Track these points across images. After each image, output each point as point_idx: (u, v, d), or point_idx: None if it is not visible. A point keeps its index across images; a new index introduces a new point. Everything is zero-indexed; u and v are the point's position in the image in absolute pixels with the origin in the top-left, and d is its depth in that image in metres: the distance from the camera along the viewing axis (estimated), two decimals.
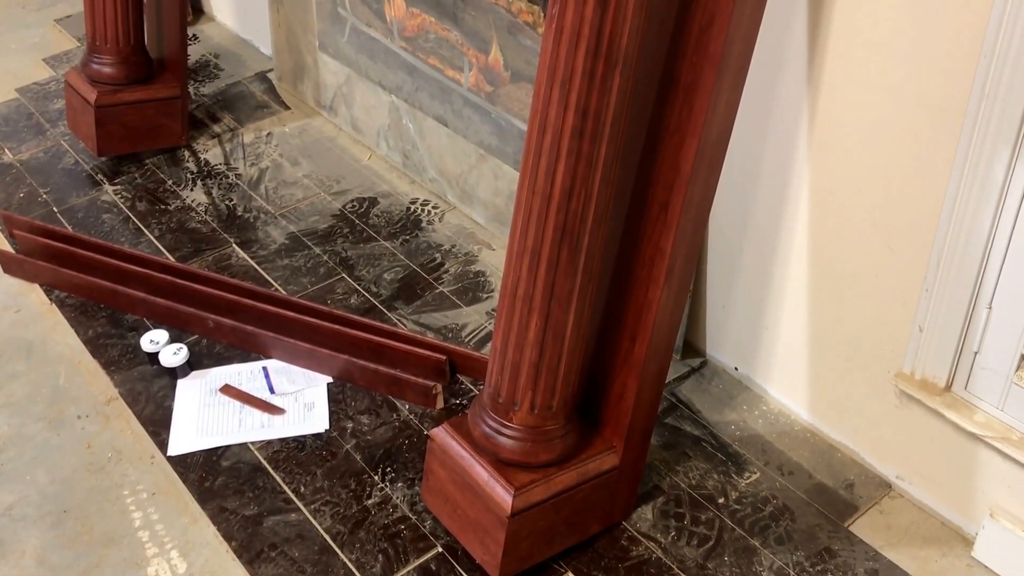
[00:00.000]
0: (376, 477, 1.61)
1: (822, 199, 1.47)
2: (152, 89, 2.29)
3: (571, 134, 1.20)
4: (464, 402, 1.74)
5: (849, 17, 1.31)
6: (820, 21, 1.34)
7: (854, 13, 1.30)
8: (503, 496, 1.36)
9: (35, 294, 1.99)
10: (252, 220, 2.18)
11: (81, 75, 2.28)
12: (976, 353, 1.35)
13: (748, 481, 1.59)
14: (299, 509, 1.56)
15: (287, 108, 2.55)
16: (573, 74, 1.17)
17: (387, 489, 1.59)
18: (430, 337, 1.85)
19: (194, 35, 2.85)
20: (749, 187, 1.56)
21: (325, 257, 2.07)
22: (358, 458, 1.64)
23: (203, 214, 2.19)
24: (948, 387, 1.41)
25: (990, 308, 1.31)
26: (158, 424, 1.71)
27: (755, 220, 1.58)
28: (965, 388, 1.39)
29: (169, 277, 1.93)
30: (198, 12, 2.96)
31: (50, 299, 1.97)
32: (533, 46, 1.84)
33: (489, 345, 1.84)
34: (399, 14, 2.14)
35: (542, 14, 1.79)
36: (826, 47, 1.35)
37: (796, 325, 1.61)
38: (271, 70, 2.67)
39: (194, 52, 2.76)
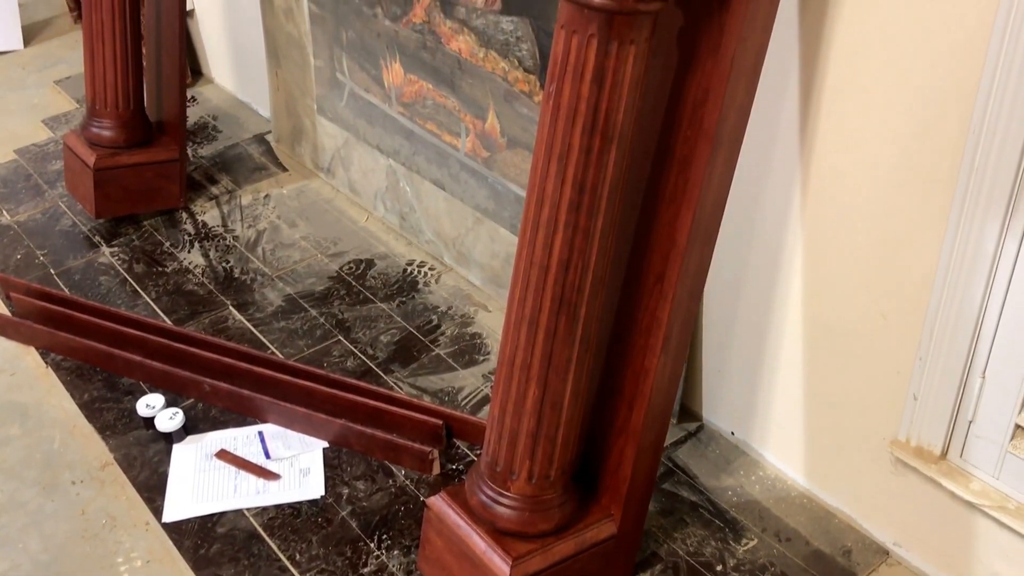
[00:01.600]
0: (372, 545, 1.60)
1: (815, 267, 1.48)
2: (151, 152, 2.32)
3: (568, 207, 1.22)
4: (461, 467, 1.74)
5: (839, 92, 1.33)
6: (811, 95, 1.37)
7: (844, 88, 1.33)
8: (500, 566, 1.35)
9: (31, 357, 1.99)
10: (249, 282, 2.19)
11: (80, 138, 2.30)
12: (971, 422, 1.36)
13: (746, 548, 1.59)
14: None
15: (285, 170, 2.58)
16: (570, 149, 1.19)
17: (383, 557, 1.58)
18: (426, 401, 1.85)
19: (193, 97, 2.88)
20: (743, 256, 1.58)
21: (322, 319, 2.08)
22: (354, 525, 1.63)
23: (200, 276, 2.20)
24: (944, 455, 1.42)
25: (984, 377, 1.32)
26: (153, 490, 1.70)
27: (750, 287, 1.60)
28: (961, 456, 1.40)
29: (165, 340, 1.93)
30: (197, 74, 2.99)
31: (46, 362, 1.97)
32: (529, 114, 1.87)
33: (486, 409, 1.84)
34: (397, 80, 2.17)
35: (538, 83, 1.82)
36: (817, 120, 1.37)
37: (791, 390, 1.61)
38: (269, 132, 2.70)
39: (193, 114, 2.79)
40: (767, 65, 1.29)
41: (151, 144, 2.33)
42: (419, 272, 2.22)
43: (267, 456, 1.76)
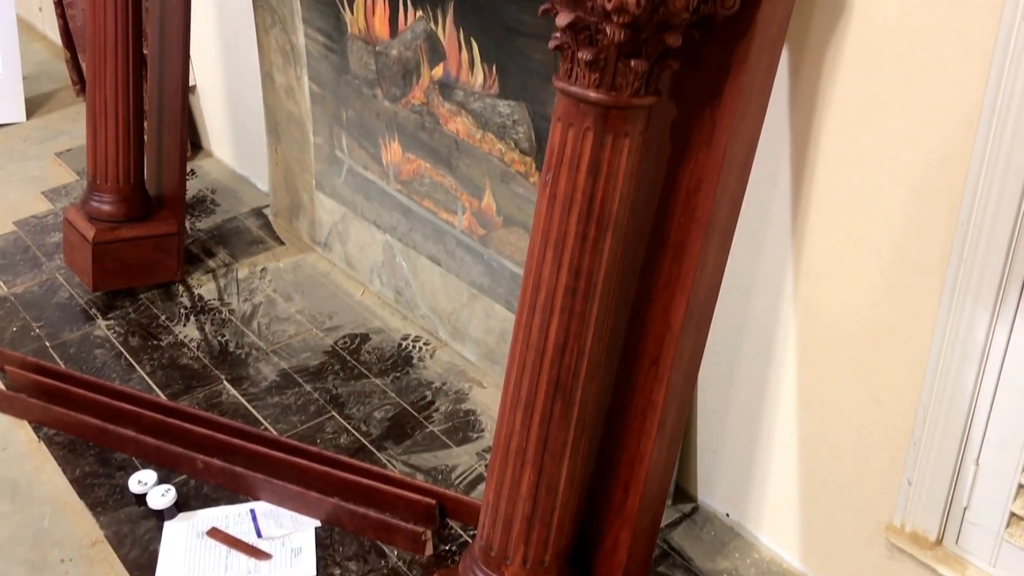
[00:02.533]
0: None
1: (808, 351, 1.50)
2: (150, 226, 2.34)
3: (564, 292, 1.23)
4: (454, 548, 1.72)
5: (829, 182, 1.36)
6: (802, 185, 1.39)
7: (834, 179, 1.35)
8: None
9: (23, 431, 1.99)
10: (244, 356, 2.19)
11: (80, 212, 2.33)
12: (966, 508, 1.36)
13: None
14: None
15: (282, 244, 2.60)
16: (566, 236, 1.21)
17: None
18: (420, 480, 1.85)
19: (192, 170, 2.92)
20: (737, 339, 1.59)
21: (316, 395, 2.08)
22: None
23: (195, 350, 2.21)
24: (939, 541, 1.41)
25: (978, 464, 1.32)
26: (143, 568, 1.68)
27: (744, 370, 1.61)
28: (956, 543, 1.40)
29: (159, 416, 1.93)
30: (196, 148, 3.03)
31: (38, 437, 1.97)
32: (524, 193, 1.90)
33: (480, 488, 1.83)
34: (396, 159, 2.20)
35: (534, 165, 1.85)
36: (808, 209, 1.40)
37: (786, 473, 1.61)
38: (267, 206, 2.73)
39: (192, 187, 2.82)
40: (759, 155, 1.32)
41: (150, 218, 2.35)
42: (414, 347, 2.23)
43: (259, 535, 1.74)
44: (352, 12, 2.16)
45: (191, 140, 2.96)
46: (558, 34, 1.17)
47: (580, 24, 1.13)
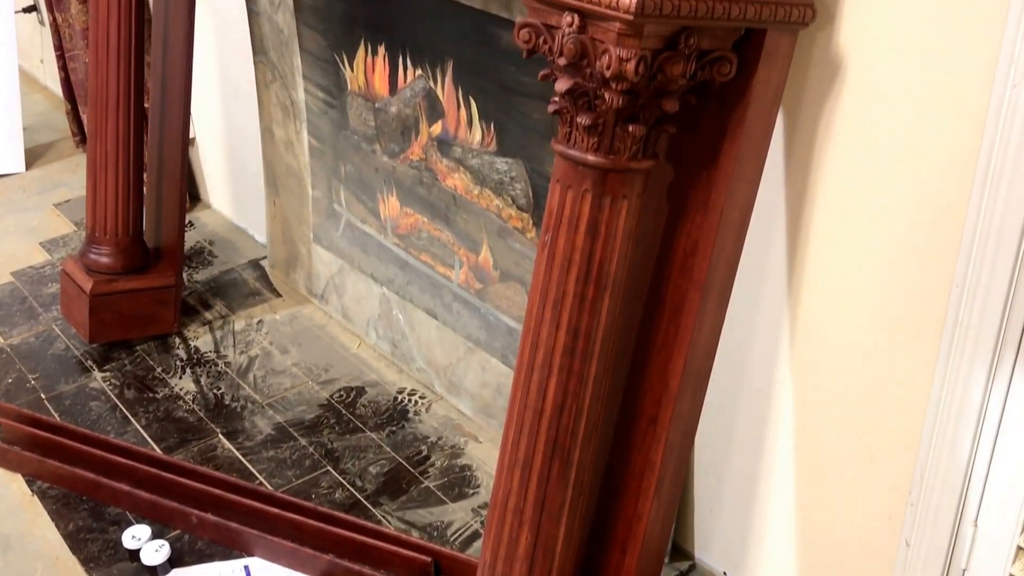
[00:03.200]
0: None
1: (805, 410, 1.50)
2: (148, 278, 2.35)
3: (562, 352, 1.24)
4: None
5: (825, 243, 1.38)
6: (797, 246, 1.41)
7: (829, 239, 1.37)
8: None
9: (16, 484, 1.97)
10: (239, 409, 2.19)
11: (78, 264, 2.33)
12: (964, 571, 1.35)
13: None
14: None
15: (279, 296, 2.61)
16: (564, 296, 1.22)
17: None
18: (415, 536, 1.83)
19: (190, 222, 2.93)
20: (734, 398, 1.60)
21: (311, 449, 2.07)
22: None
23: (191, 403, 2.20)
24: None
25: (976, 526, 1.32)
26: None
27: (741, 428, 1.61)
28: None
29: (154, 470, 1.92)
30: (195, 199, 3.05)
31: (32, 490, 1.95)
32: (522, 249, 1.91)
33: (475, 545, 1.82)
34: (393, 213, 2.22)
35: (531, 220, 1.87)
36: (804, 269, 1.41)
37: (784, 531, 1.61)
38: (264, 258, 2.74)
39: (189, 238, 2.83)
40: (755, 215, 1.33)
41: (148, 270, 2.36)
42: (410, 400, 2.22)
43: None
44: (352, 69, 2.19)
45: (189, 191, 2.98)
46: (557, 98, 1.19)
47: (579, 90, 1.15)
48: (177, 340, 2.42)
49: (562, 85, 1.16)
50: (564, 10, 1.11)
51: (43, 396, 2.21)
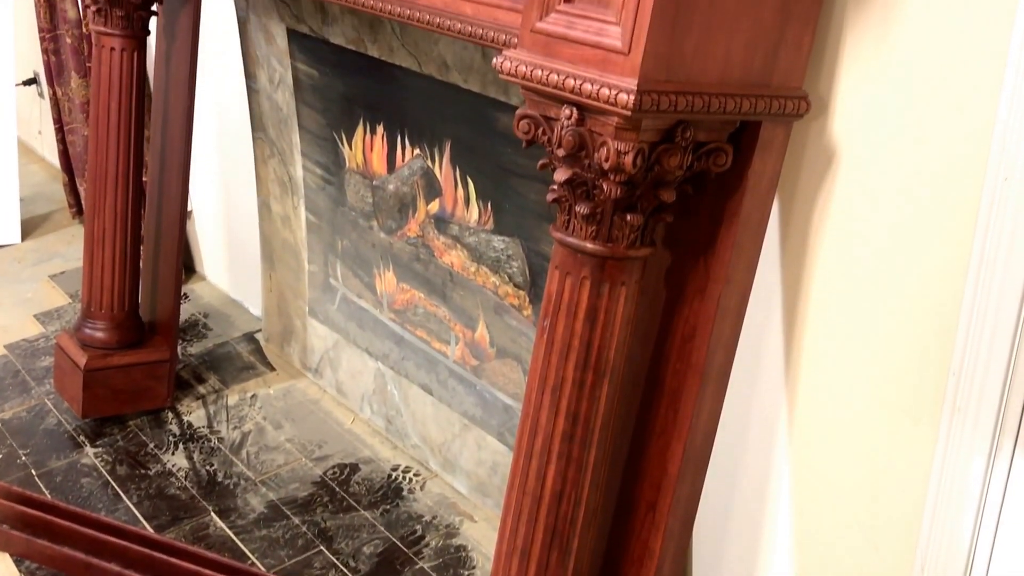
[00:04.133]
0: None
1: (804, 497, 1.49)
2: (142, 353, 2.34)
3: (561, 438, 1.24)
4: None
5: (821, 330, 1.38)
6: (794, 331, 1.41)
7: (826, 326, 1.38)
8: None
9: (4, 564, 1.94)
10: (232, 487, 2.16)
11: (73, 338, 2.33)
12: None
13: None
14: None
15: (273, 369, 2.60)
16: (563, 382, 1.22)
17: None
18: None
19: (185, 294, 2.93)
20: (732, 484, 1.59)
21: (304, 528, 2.05)
22: None
23: (183, 480, 2.18)
24: None
25: None
26: None
27: (739, 515, 1.60)
28: None
29: (145, 550, 1.89)
30: (190, 271, 3.06)
31: (20, 570, 1.92)
32: (518, 326, 1.92)
33: None
34: (390, 288, 2.23)
35: (527, 298, 1.88)
36: (800, 355, 1.42)
37: None
38: (259, 331, 2.73)
39: (184, 311, 2.83)
40: (751, 302, 1.34)
41: (142, 344, 2.35)
42: (404, 478, 2.20)
43: None
44: (351, 147, 2.21)
45: (185, 264, 2.98)
46: (555, 187, 1.20)
47: (577, 180, 1.17)
48: (170, 415, 2.40)
49: (561, 175, 1.17)
50: (563, 103, 1.13)
51: (34, 472, 2.19)
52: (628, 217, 1.17)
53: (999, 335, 1.19)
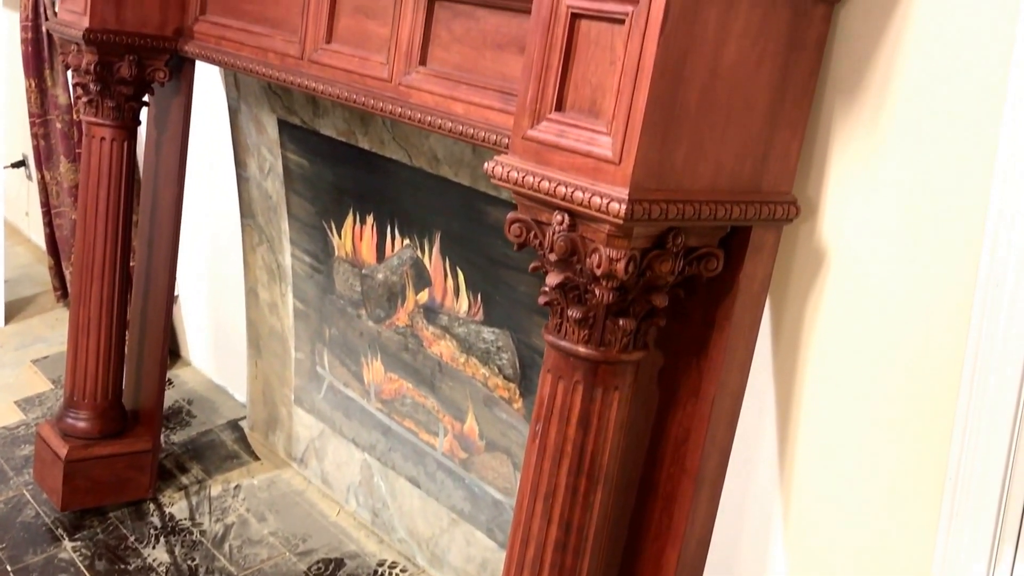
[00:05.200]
0: None
1: None
2: (124, 443, 2.30)
3: (554, 547, 1.21)
4: None
5: (814, 429, 1.37)
6: (787, 433, 1.40)
7: (819, 428, 1.36)
8: None
9: None
10: None
11: (54, 428, 2.29)
12: None
13: None
14: None
15: (257, 459, 2.56)
16: (556, 489, 1.20)
17: None
18: None
19: (169, 380, 2.90)
20: None
21: None
22: None
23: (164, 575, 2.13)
24: None
25: None
26: None
27: None
28: None
29: None
30: (175, 356, 3.03)
31: None
32: (508, 419, 1.90)
33: None
34: (377, 378, 2.21)
35: (518, 391, 1.86)
36: (795, 457, 1.40)
37: None
38: (244, 418, 2.70)
39: (168, 397, 2.79)
40: (744, 404, 1.33)
41: (125, 434, 2.32)
42: (390, 574, 2.16)
43: None
44: (340, 236, 2.21)
45: (170, 349, 2.95)
46: (547, 290, 1.20)
47: (569, 284, 1.16)
48: (152, 506, 2.35)
49: (553, 279, 1.17)
50: (555, 209, 1.13)
51: (9, 568, 2.13)
52: (621, 322, 1.16)
53: (995, 440, 1.18)
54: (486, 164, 1.19)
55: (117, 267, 2.21)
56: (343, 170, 2.14)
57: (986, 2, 1.13)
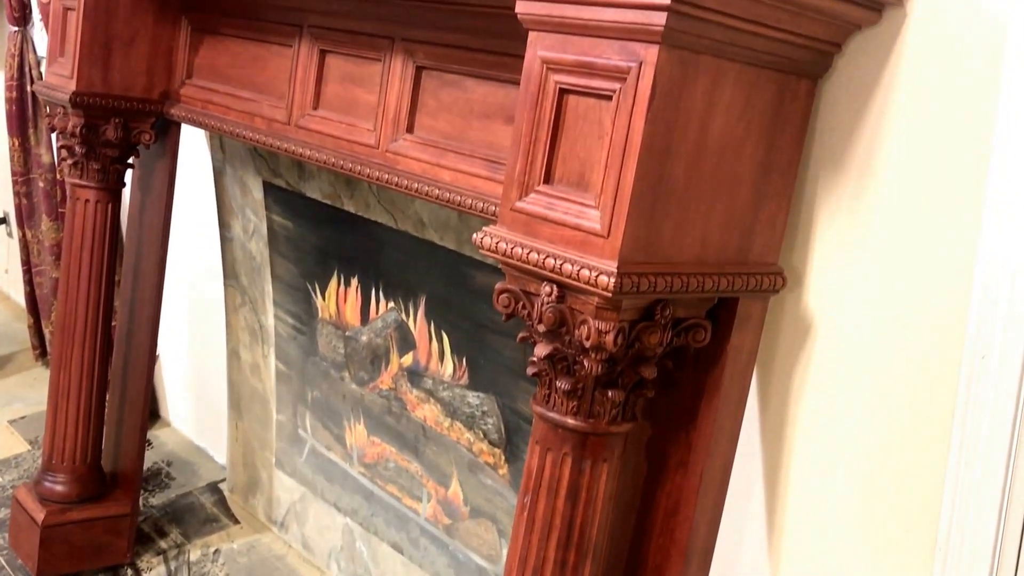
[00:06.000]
0: None
1: None
2: (102, 507, 2.26)
3: None
4: None
5: (803, 500, 1.37)
6: (776, 503, 1.39)
7: (807, 498, 1.36)
8: None
9: None
10: None
11: (31, 492, 2.25)
12: None
13: None
14: None
15: (237, 523, 2.52)
16: (544, 563, 1.19)
17: None
18: None
19: (149, 441, 2.86)
20: None
21: None
22: None
23: None
24: None
25: None
26: None
27: None
28: None
29: None
30: (155, 416, 2.99)
31: None
32: (493, 485, 1.88)
33: None
34: (360, 441, 2.19)
35: (503, 456, 1.85)
36: (784, 528, 1.39)
37: None
38: (223, 480, 2.66)
39: (147, 458, 2.75)
40: (733, 473, 1.32)
41: (103, 498, 2.28)
42: None
43: None
44: (323, 298, 2.21)
45: (150, 409, 2.92)
46: (535, 360, 1.19)
47: (558, 355, 1.16)
48: (130, 571, 2.30)
49: (541, 351, 1.17)
50: (543, 280, 1.13)
51: None
52: (609, 393, 1.16)
53: (985, 510, 1.18)
54: (475, 236, 1.19)
55: (99, 330, 2.19)
56: (328, 232, 2.14)
57: (968, 77, 1.15)
